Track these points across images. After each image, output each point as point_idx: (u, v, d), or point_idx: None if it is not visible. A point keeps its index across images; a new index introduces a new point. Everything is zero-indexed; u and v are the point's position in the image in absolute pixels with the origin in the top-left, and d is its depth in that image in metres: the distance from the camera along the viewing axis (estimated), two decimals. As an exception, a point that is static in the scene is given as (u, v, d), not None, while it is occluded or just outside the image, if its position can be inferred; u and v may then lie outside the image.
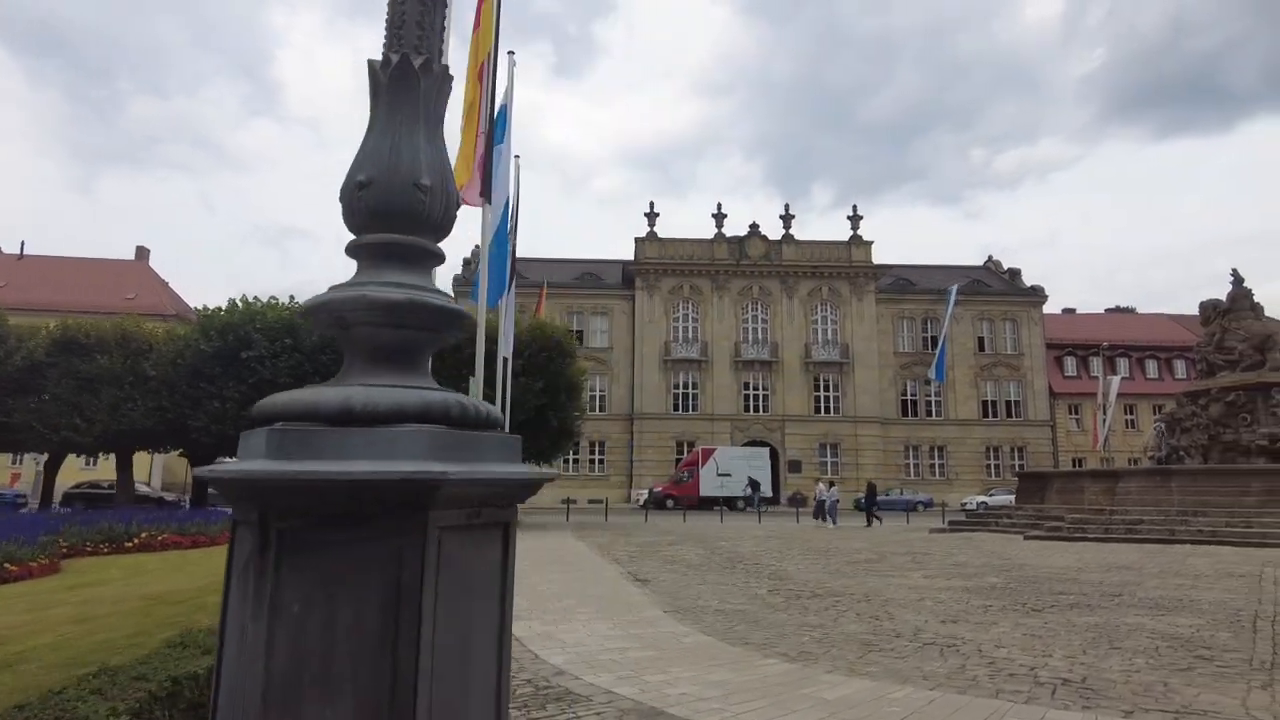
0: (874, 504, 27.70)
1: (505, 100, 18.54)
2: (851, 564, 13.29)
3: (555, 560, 14.23)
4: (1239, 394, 19.39)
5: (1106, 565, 12.39)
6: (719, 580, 11.14)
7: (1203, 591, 9.49)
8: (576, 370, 26.66)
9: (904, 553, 15.18)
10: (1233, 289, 20.69)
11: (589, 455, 50.33)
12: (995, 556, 14.20)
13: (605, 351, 51.43)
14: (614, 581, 10.98)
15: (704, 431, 49.83)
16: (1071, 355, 55.88)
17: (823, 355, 51.54)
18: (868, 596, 9.40)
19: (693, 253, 52.58)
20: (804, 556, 14.65)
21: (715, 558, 14.53)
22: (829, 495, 27.38)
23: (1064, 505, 19.13)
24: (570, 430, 26.73)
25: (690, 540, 18.86)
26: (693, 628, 7.42)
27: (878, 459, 50.39)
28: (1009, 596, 9.26)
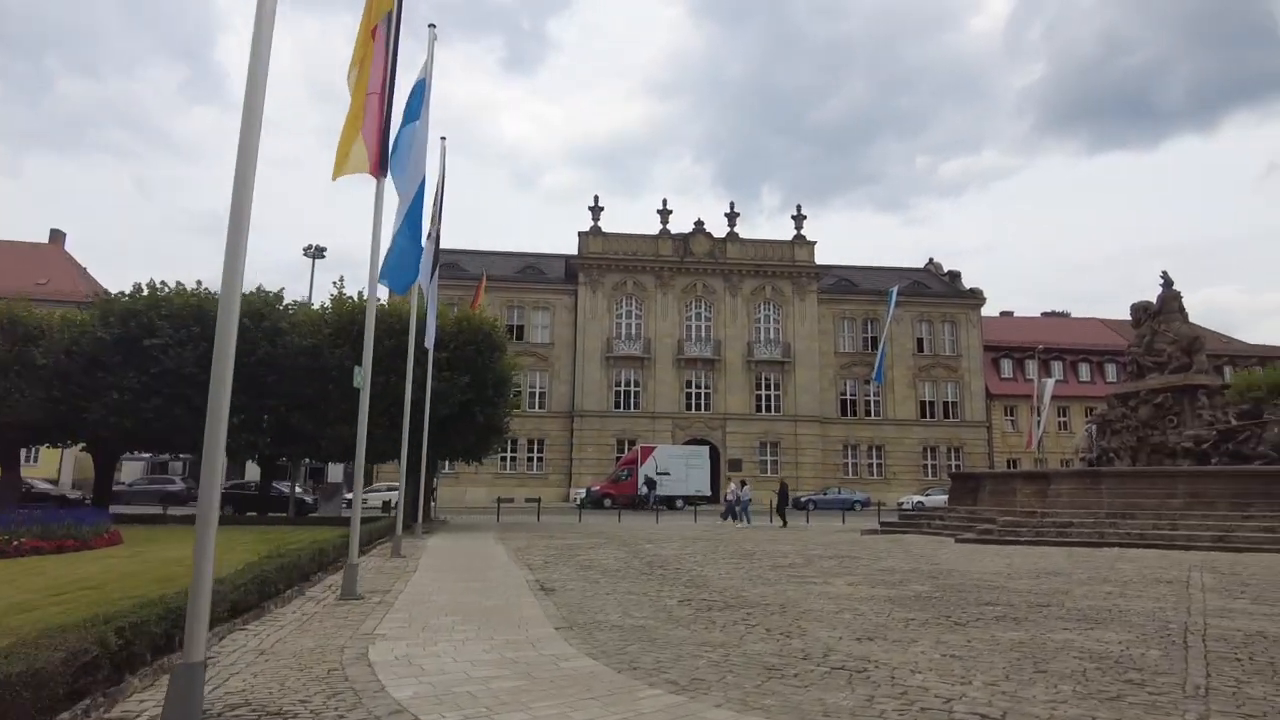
0: (786, 504, 27.33)
1: (424, 76, 17.44)
2: (776, 569, 12.62)
3: (462, 566, 13.26)
4: (1167, 396, 19.37)
5: (1036, 571, 11.94)
6: (631, 589, 10.32)
7: (1131, 600, 9.02)
8: (506, 364, 25.57)
9: (832, 556, 14.59)
10: (1163, 291, 20.71)
11: (527, 454, 49.24)
12: (924, 561, 13.70)
13: (546, 347, 50.36)
14: (515, 591, 10.07)
15: (645, 430, 49.13)
16: (1008, 357, 56.76)
17: (765, 354, 51.30)
18: (783, 608, 8.68)
19: (637, 249, 51.82)
20: (728, 561, 13.94)
21: (635, 562, 13.72)
22: (741, 494, 26.92)
23: (996, 507, 18.86)
24: (498, 427, 25.65)
25: (615, 543, 18.04)
26: (581, 648, 6.58)
27: (817, 458, 50.37)
28: (933, 608, 8.63)
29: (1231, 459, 17.77)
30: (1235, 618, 7.93)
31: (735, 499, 27.15)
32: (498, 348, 24.55)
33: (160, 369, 22.61)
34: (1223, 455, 17.99)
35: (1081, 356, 58.31)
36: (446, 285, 48.60)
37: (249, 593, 7.95)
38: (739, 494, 27.20)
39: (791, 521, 29.59)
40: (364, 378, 10.02)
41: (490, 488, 47.90)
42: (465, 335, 23.72)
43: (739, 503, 26.87)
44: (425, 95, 17.00)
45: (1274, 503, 15.28)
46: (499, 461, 48.61)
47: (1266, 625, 7.54)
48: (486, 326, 24.57)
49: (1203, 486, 16.18)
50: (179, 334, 22.90)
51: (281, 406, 23.90)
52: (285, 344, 23.88)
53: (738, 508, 26.74)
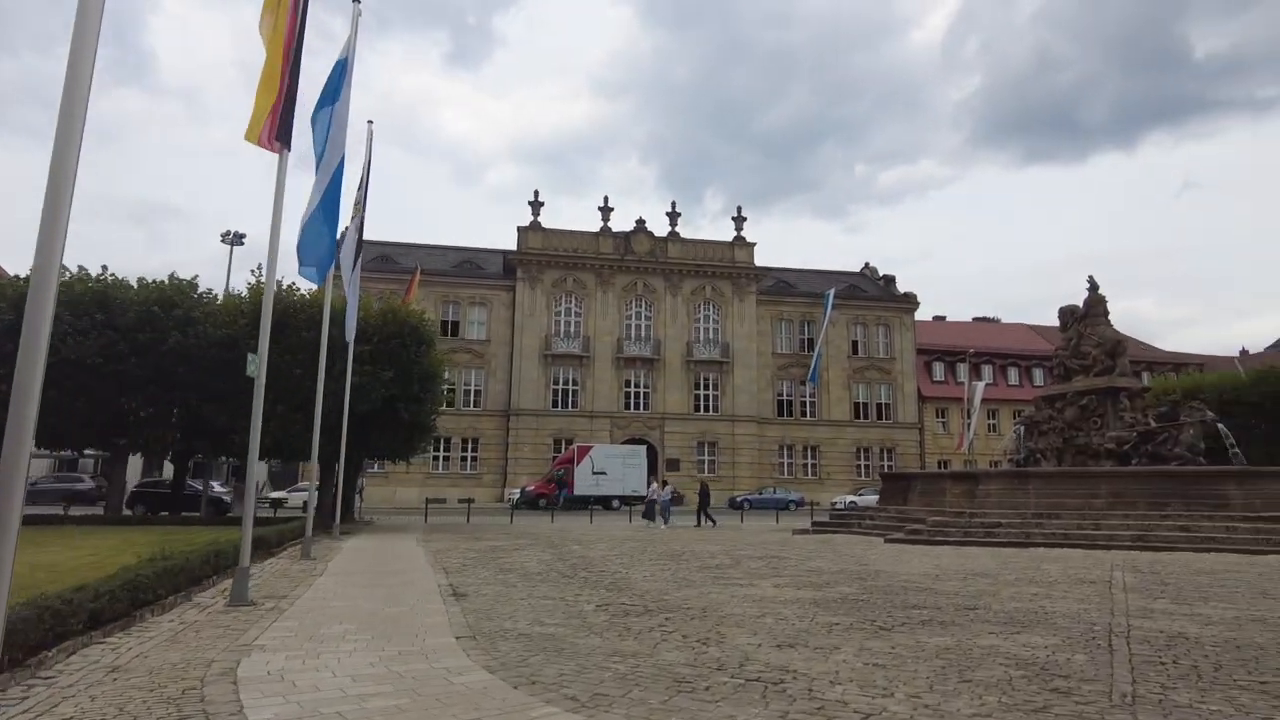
0: (707, 504, 27.01)
1: (345, 55, 16.61)
2: (702, 570, 12.23)
3: (373, 570, 12.53)
4: (1091, 398, 19.71)
5: (964, 572, 11.81)
6: (548, 593, 9.78)
7: (1057, 602, 8.87)
8: (435, 360, 24.67)
9: (761, 557, 14.29)
10: (1089, 295, 21.09)
11: (461, 453, 48.13)
12: (853, 561, 13.50)
13: (482, 344, 49.33)
14: (423, 597, 9.44)
15: (583, 429, 48.52)
16: (940, 361, 57.90)
17: (704, 354, 51.22)
18: (704, 612, 8.26)
19: (577, 245, 51.18)
20: (655, 562, 13.51)
21: (559, 565, 13.18)
22: (662, 495, 26.54)
23: (926, 507, 18.89)
24: (425, 425, 24.72)
25: (542, 545, 17.45)
26: (479, 660, 6.03)
27: (754, 458, 50.52)
28: (859, 611, 8.33)
29: (1150, 460, 18.13)
30: (1157, 618, 7.82)
31: (656, 499, 26.69)
32: (425, 342, 23.67)
33: (58, 358, 21.11)
34: (1142, 456, 18.35)
35: (1010, 361, 59.85)
36: (379, 279, 47.38)
37: (116, 600, 7.16)
38: (659, 495, 26.75)
39: (726, 521, 29.40)
40: (259, 366, 9.24)
41: (422, 488, 46.67)
42: (390, 328, 22.82)
43: (659, 503, 26.42)
44: (347, 76, 16.18)
45: (1189, 503, 15.60)
46: (431, 461, 47.47)
47: (1187, 626, 7.43)
48: (413, 319, 23.67)
49: (1123, 487, 16.44)
50: (80, 322, 21.47)
51: (193, 399, 22.61)
52: (198, 334, 22.62)
53: (657, 507, 26.26)
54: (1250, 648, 6.48)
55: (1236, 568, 12.22)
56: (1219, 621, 7.67)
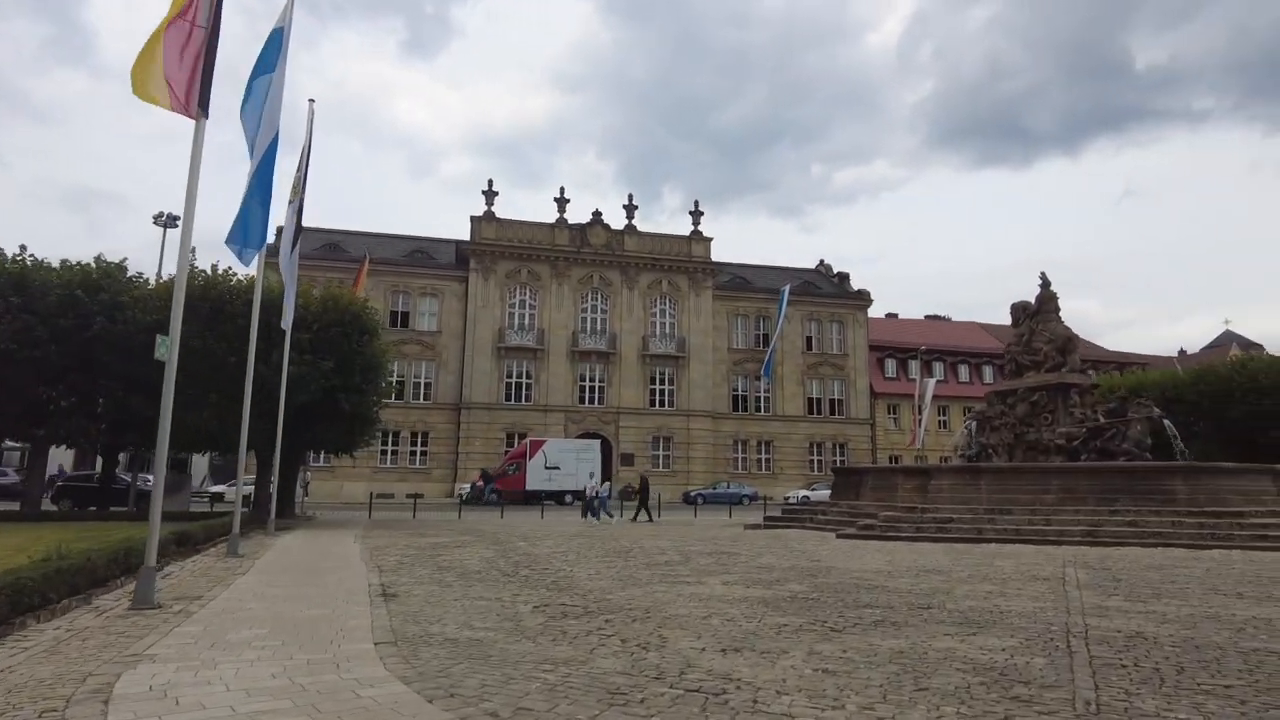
0: (647, 498, 26.42)
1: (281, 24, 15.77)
2: (650, 567, 11.78)
3: (302, 568, 11.83)
4: (1042, 394, 19.76)
5: (916, 569, 11.55)
6: (484, 594, 9.23)
7: (1011, 600, 8.61)
8: (379, 349, 23.78)
9: (711, 553, 13.90)
10: (1041, 292, 21.16)
11: (410, 447, 47.04)
12: (804, 558, 13.18)
13: (433, 336, 48.27)
14: (350, 598, 8.82)
15: (537, 423, 47.79)
16: (892, 357, 58.43)
17: (660, 348, 50.86)
18: (648, 613, 7.80)
19: (532, 237, 50.36)
20: (602, 559, 13.02)
21: (501, 562, 12.61)
22: (601, 491, 26.09)
23: (878, 502, 18.73)
24: (368, 417, 23.81)
25: (486, 541, 16.84)
26: (396, 669, 5.47)
27: (708, 452, 50.38)
28: (809, 611, 7.94)
29: (1099, 455, 18.22)
30: (1113, 617, 7.58)
31: (594, 495, 26.12)
32: (368, 331, 22.79)
33: (-30, 344, 19.89)
34: (1091, 452, 18.43)
35: (961, 358, 60.68)
36: (326, 267, 46.05)
37: (-9, 606, 6.44)
38: (597, 491, 26.22)
39: (679, 516, 29.07)
40: (170, 349, 8.51)
41: (369, 482, 45.57)
42: (331, 316, 21.91)
43: (597, 499, 25.84)
44: (283, 47, 15.35)
45: (1137, 498, 15.65)
46: (378, 455, 46.35)
47: (1144, 624, 7.19)
48: (355, 307, 22.76)
49: (1074, 482, 16.45)
50: (-5, 305, 20.19)
51: (120, 389, 21.45)
52: (127, 320, 21.45)
53: (595, 503, 25.68)
54: (1209, 648, 6.24)
55: (1184, 562, 12.19)
56: (1174, 619, 7.46)
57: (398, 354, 47.86)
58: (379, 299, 47.61)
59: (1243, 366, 33.70)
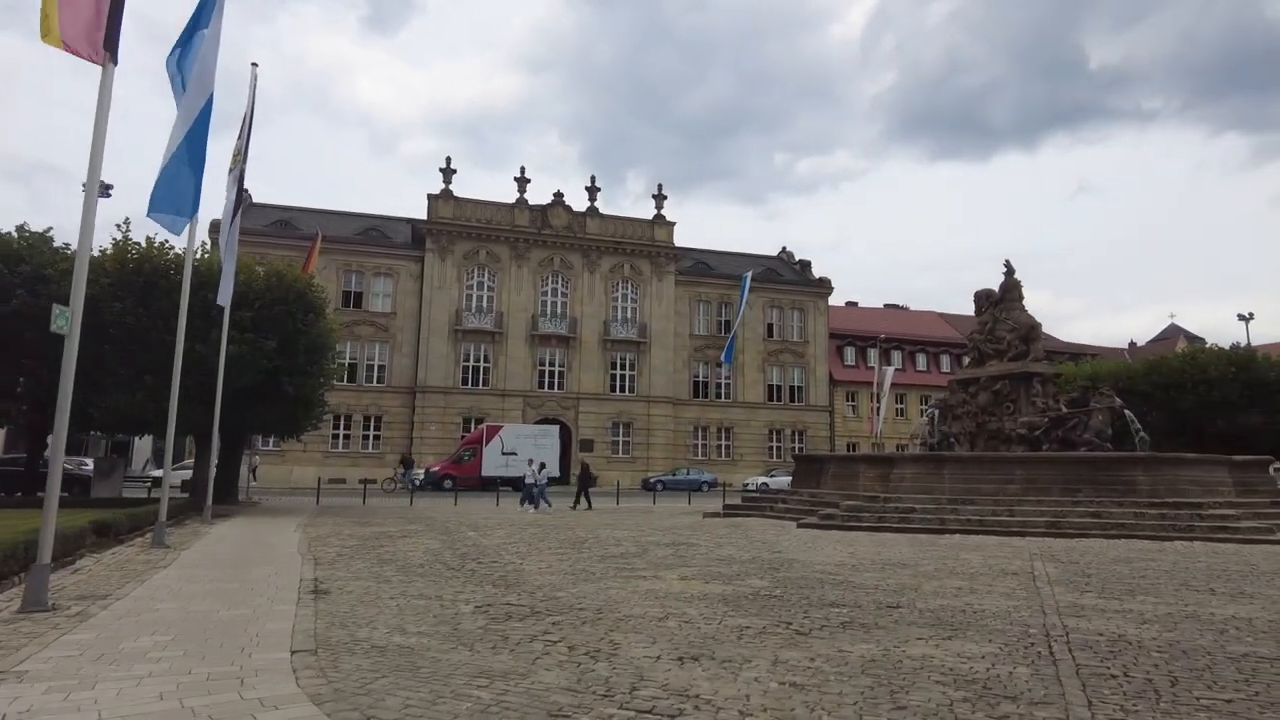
0: (588, 485, 25.21)
1: (218, -25, 14.71)
2: (605, 560, 11.19)
3: (230, 561, 11.01)
4: (1005, 383, 19.58)
5: (881, 561, 11.14)
6: (424, 591, 8.56)
7: (983, 597, 8.20)
8: (324, 328, 22.73)
9: (669, 544, 13.36)
10: (1005, 279, 20.97)
11: (363, 431, 45.78)
12: (765, 549, 12.71)
13: (387, 317, 46.94)
14: (275, 596, 8.08)
15: (494, 408, 46.85)
16: (851, 345, 58.55)
17: (621, 333, 50.16)
18: (600, 613, 7.21)
19: (492, 217, 49.15)
20: (555, 551, 12.40)
21: (447, 554, 11.92)
22: (539, 477, 24.77)
23: (839, 490, 18.40)
24: (312, 400, 22.76)
25: (436, 530, 16.11)
26: (310, 684, 4.80)
27: (668, 439, 49.97)
28: (772, 611, 7.42)
29: (1061, 445, 18.09)
30: (1091, 617, 7.19)
31: (533, 482, 24.74)
32: (313, 309, 21.75)
33: None
34: (1053, 441, 18.29)
35: (919, 347, 61.06)
36: (277, 244, 44.41)
37: None
38: (536, 477, 24.87)
39: (638, 503, 28.56)
40: (71, 321, 7.64)
41: (320, 467, 44.27)
42: (275, 293, 20.85)
43: (536, 486, 24.51)
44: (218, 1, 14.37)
45: (1099, 488, 15.50)
46: (330, 439, 45.07)
47: (1124, 626, 6.80)
48: (300, 284, 21.69)
49: (1036, 472, 16.26)
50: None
51: (43, 369, 20.13)
52: (51, 294, 20.08)
53: (535, 491, 24.44)
54: (1198, 653, 5.85)
55: (1149, 555, 11.99)
56: (1154, 619, 7.09)
57: (350, 335, 46.59)
58: (331, 278, 46.15)
59: (1193, 359, 34.28)
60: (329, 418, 46.07)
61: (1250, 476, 17.04)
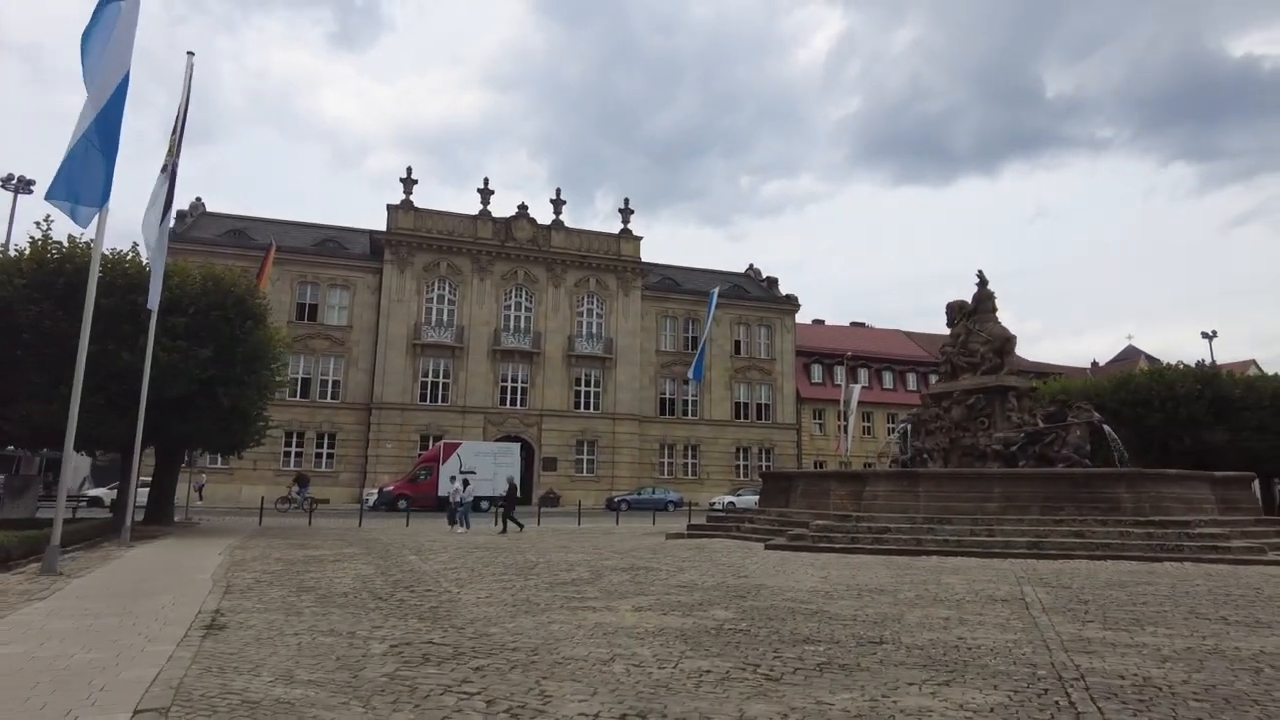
0: (514, 505, 23.52)
1: (141, -53, 13.57)
2: (553, 588, 10.06)
3: (128, 591, 9.70)
4: (979, 397, 18.86)
5: (857, 587, 10.16)
6: (336, 626, 7.39)
7: (976, 630, 7.25)
8: (265, 338, 21.31)
9: (627, 568, 12.26)
10: (978, 290, 20.32)
11: (316, 448, 44.02)
12: (731, 573, 11.67)
13: (343, 330, 45.35)
14: (159, 633, 6.87)
15: (454, 425, 45.36)
16: (818, 363, 58.08)
17: (586, 349, 49.05)
18: (535, 655, 6.11)
19: (453, 228, 47.91)
20: (499, 577, 11.23)
21: (379, 581, 10.71)
22: (464, 495, 23.48)
23: (809, 509, 17.45)
24: (250, 414, 21.23)
25: (375, 554, 14.83)
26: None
27: (634, 457, 48.84)
28: (738, 649, 6.38)
29: (1038, 461, 17.37)
30: (1103, 654, 6.25)
31: (458, 501, 23.45)
32: (253, 316, 20.37)
33: None
34: (1030, 458, 17.58)
35: (885, 365, 60.79)
36: (230, 254, 42.80)
37: None
38: (461, 495, 23.53)
39: (600, 523, 27.37)
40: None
41: (271, 485, 42.44)
42: (212, 298, 19.46)
43: (460, 505, 23.23)
44: (139, -29, 13.20)
45: (1081, 506, 14.74)
46: (281, 457, 43.29)
47: (1144, 665, 5.88)
48: (240, 290, 20.32)
49: (1016, 490, 15.46)
50: None
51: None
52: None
53: (459, 511, 23.12)
54: (1241, 701, 4.93)
55: (1142, 578, 11.17)
56: (1175, 656, 6.18)
57: (304, 349, 44.91)
58: (285, 290, 44.65)
59: (1160, 375, 34.09)
60: (279, 434, 44.64)
61: (1232, 493, 16.46)
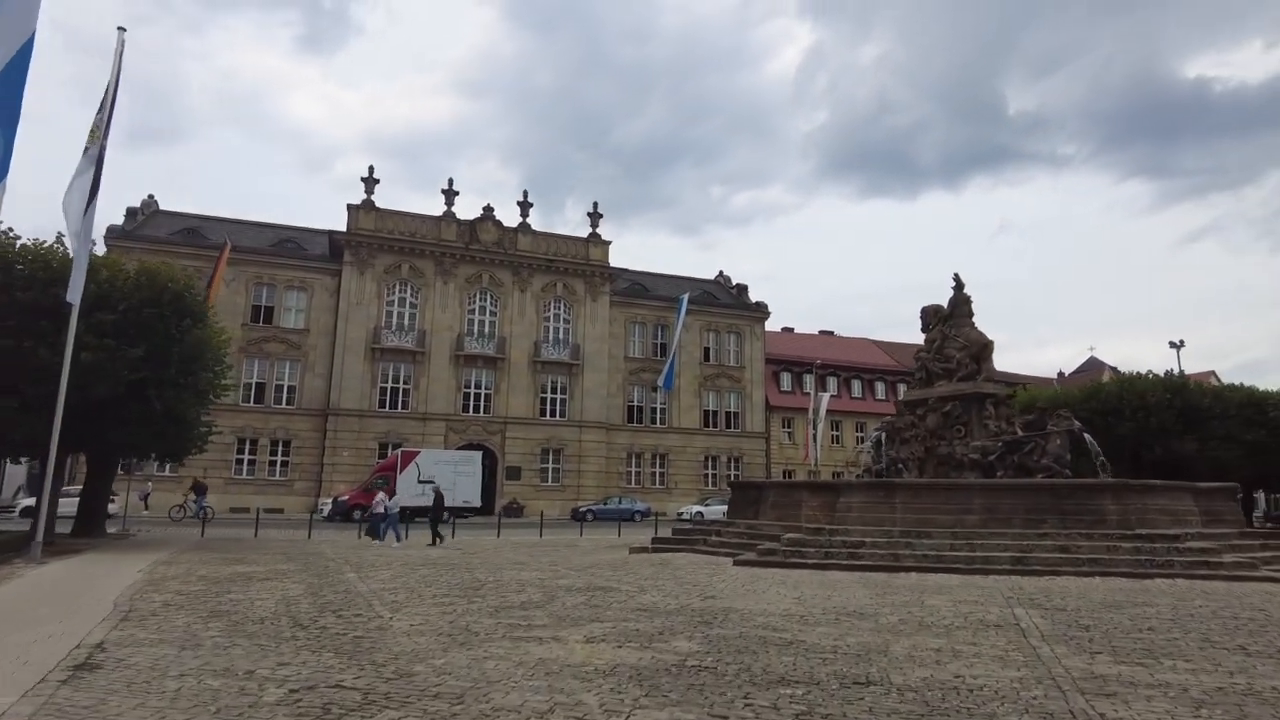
0: (439, 516, 21.89)
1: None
2: (498, 612, 9.01)
3: (10, 616, 8.48)
4: (955, 404, 18.15)
5: (835, 611, 9.25)
6: (236, 661, 6.30)
7: (972, 664, 6.36)
8: (204, 337, 19.91)
9: (582, 588, 11.22)
10: (954, 294, 19.64)
11: (270, 456, 42.31)
12: (695, 594, 10.70)
13: (299, 334, 43.74)
14: (10, 675, 5.72)
15: (414, 432, 43.92)
16: (788, 371, 57.52)
17: (553, 355, 47.91)
18: (460, 702, 5.10)
19: (416, 229, 46.55)
20: (440, 600, 10.15)
21: (304, 604, 9.58)
22: (390, 507, 21.69)
23: (779, 521, 16.56)
24: (184, 418, 19.66)
25: (311, 570, 13.64)
26: None
27: (600, 465, 47.74)
28: (702, 693, 5.42)
29: (1017, 471, 16.68)
30: (1127, 698, 5.39)
31: (383, 512, 21.80)
32: (190, 314, 19.02)
33: None
34: (1008, 468, 16.88)
35: (854, 374, 60.44)
36: (182, 253, 41.12)
37: None
38: (385, 507, 21.83)
39: (563, 535, 26.27)
40: None
41: (222, 495, 40.81)
42: (145, 294, 18.11)
43: (386, 518, 21.57)
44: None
45: (1065, 519, 14.02)
46: (234, 465, 41.58)
47: (1176, 710, 5.02)
48: (177, 286, 18.97)
49: (997, 501, 14.70)
50: None
51: None
52: None
53: (384, 525, 21.53)
54: (1306, 764, 4.07)
55: (1137, 597, 10.41)
56: (1207, 700, 5.33)
57: (259, 353, 43.27)
58: (240, 291, 43.02)
59: (1130, 385, 33.92)
60: (231, 441, 42.89)
61: (1216, 505, 15.90)
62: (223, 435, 43.51)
